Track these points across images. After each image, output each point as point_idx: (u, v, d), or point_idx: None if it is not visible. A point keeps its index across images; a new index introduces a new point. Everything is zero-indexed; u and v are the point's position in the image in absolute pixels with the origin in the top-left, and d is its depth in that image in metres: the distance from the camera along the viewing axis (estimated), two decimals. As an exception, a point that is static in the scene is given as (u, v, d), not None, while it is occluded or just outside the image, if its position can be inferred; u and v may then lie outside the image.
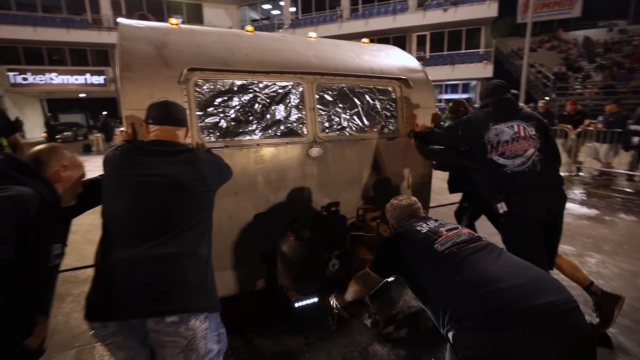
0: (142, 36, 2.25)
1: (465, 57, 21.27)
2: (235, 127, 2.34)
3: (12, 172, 1.29)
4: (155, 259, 1.24)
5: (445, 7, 20.60)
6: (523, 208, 2.03)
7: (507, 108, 2.18)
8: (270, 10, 27.45)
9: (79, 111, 37.22)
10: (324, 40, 3.05)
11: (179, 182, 1.38)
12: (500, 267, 1.36)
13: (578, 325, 1.16)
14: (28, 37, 22.04)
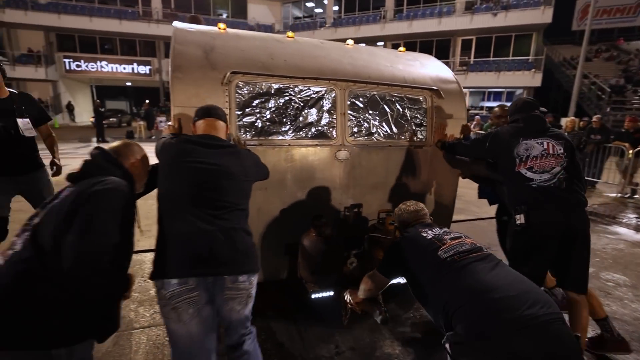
0: (192, 40, 2.44)
1: (513, 64, 20.32)
2: (270, 127, 2.50)
3: (106, 164, 1.47)
4: (226, 231, 1.51)
5: (495, 11, 19.76)
6: (541, 223, 2.08)
7: (537, 124, 2.24)
8: (314, 9, 27.57)
9: (124, 98, 39.12)
10: (360, 48, 3.15)
11: (229, 171, 1.62)
12: (496, 278, 1.47)
13: (560, 336, 1.27)
14: (84, 27, 23.44)
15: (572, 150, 2.17)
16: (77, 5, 23.55)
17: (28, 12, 22.14)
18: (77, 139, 15.04)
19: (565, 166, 2.13)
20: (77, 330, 1.25)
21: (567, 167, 2.13)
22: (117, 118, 23.34)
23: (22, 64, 22.49)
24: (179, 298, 1.44)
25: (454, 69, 22.07)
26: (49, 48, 23.71)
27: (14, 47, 22.92)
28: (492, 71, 20.51)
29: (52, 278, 1.20)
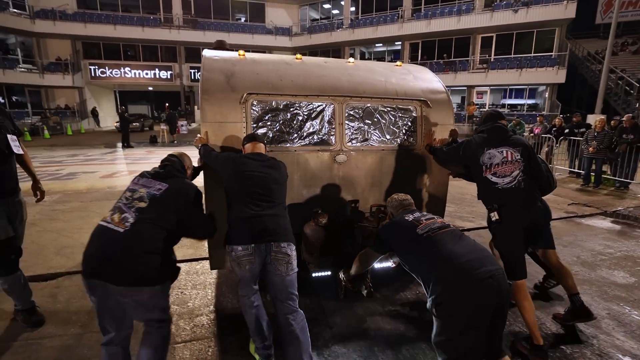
0: (217, 67, 2.96)
1: (535, 60, 19.77)
2: (279, 137, 2.95)
3: (181, 169, 2.19)
4: (272, 215, 2.15)
5: (515, 7, 19.29)
6: (510, 218, 2.49)
7: (498, 135, 2.60)
8: (331, 10, 27.63)
9: (145, 102, 40.20)
10: (359, 65, 3.54)
11: (274, 178, 2.28)
12: (461, 247, 1.93)
13: (502, 284, 1.80)
14: (108, 35, 24.25)
15: (529, 154, 2.55)
16: (102, 14, 24.41)
17: (57, 22, 23.09)
18: (103, 145, 15.58)
19: (522, 169, 2.51)
20: (167, 274, 1.90)
21: (525, 170, 2.51)
22: (140, 122, 24.01)
23: (51, 72, 23.47)
24: (242, 258, 2.07)
25: (474, 67, 21.72)
26: (76, 56, 24.64)
27: (43, 56, 23.93)
28: (514, 68, 20.01)
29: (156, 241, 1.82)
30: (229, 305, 2.98)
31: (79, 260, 3.64)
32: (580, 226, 5.22)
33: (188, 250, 4.08)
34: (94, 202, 6.14)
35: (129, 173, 8.80)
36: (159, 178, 2.01)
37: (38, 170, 9.17)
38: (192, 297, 3.10)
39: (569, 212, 5.81)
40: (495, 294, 1.77)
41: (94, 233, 1.84)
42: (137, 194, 1.91)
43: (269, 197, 2.19)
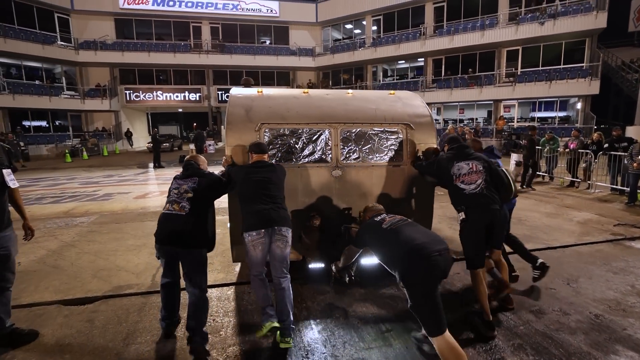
0: (239, 103, 3.74)
1: (565, 72, 19.11)
2: (286, 156, 3.68)
3: (199, 168, 3.01)
4: (274, 208, 2.79)
5: (542, 20, 18.87)
6: (474, 217, 3.00)
7: (464, 152, 3.23)
8: (353, 30, 28.13)
9: (175, 123, 42.03)
10: (357, 95, 4.18)
11: (272, 180, 2.94)
12: (416, 233, 2.51)
13: (447, 259, 2.36)
14: (143, 61, 25.71)
15: (489, 166, 3.14)
16: (137, 42, 26.00)
17: (97, 52, 24.79)
18: (136, 165, 16.26)
19: (485, 178, 3.07)
20: (207, 243, 2.82)
21: (486, 179, 3.07)
22: (170, 143, 24.97)
23: (91, 97, 25.04)
24: (256, 241, 2.71)
25: (500, 80, 21.27)
26: (113, 82, 26.24)
27: (85, 83, 25.65)
28: (543, 81, 19.41)
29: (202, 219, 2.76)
30: (260, 334, 2.93)
31: (115, 284, 3.79)
32: (630, 250, 4.83)
33: (219, 274, 4.11)
34: (128, 223, 6.35)
35: (160, 194, 9.10)
36: (188, 177, 2.89)
37: (77, 191, 9.72)
38: (224, 325, 3.07)
39: (615, 234, 5.41)
40: (441, 266, 2.33)
41: (162, 219, 2.76)
42: (182, 189, 2.80)
43: (270, 195, 2.87)
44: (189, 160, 3.05)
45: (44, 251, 4.94)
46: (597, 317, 3.15)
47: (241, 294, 3.65)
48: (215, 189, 2.91)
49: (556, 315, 3.20)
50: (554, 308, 3.32)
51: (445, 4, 23.12)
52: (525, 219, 6.21)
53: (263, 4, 27.55)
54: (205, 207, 2.80)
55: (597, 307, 3.33)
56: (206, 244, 2.80)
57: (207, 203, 2.84)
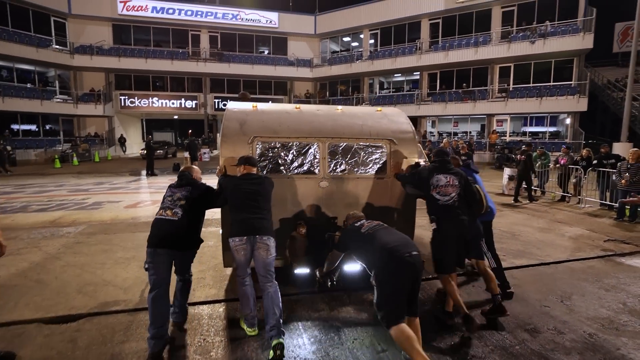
0: (234, 117, 3.93)
1: (554, 89, 19.55)
2: (277, 167, 3.87)
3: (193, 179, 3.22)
4: (257, 218, 3.01)
5: (533, 39, 19.36)
6: (445, 227, 3.27)
7: (445, 165, 3.45)
8: (350, 43, 28.49)
9: (170, 130, 41.78)
10: (346, 112, 4.38)
11: (260, 191, 3.14)
12: (390, 237, 2.77)
13: (418, 261, 2.59)
14: (140, 67, 25.66)
15: (465, 182, 3.40)
16: (135, 48, 25.97)
17: (93, 56, 24.68)
18: (128, 172, 16.06)
19: (458, 192, 3.33)
20: (196, 243, 3.08)
21: (460, 193, 3.34)
22: (164, 150, 24.76)
23: (84, 102, 24.82)
24: (239, 247, 2.96)
25: (493, 96, 21.63)
26: (108, 87, 26.09)
27: (79, 88, 25.45)
28: (533, 97, 19.81)
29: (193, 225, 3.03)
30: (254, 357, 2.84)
31: (101, 300, 3.69)
32: (621, 267, 4.85)
33: (211, 290, 4.01)
34: (118, 234, 6.21)
35: (152, 203, 8.96)
36: (182, 185, 3.13)
37: (65, 199, 9.54)
38: (215, 345, 2.97)
39: (606, 250, 5.45)
40: (411, 268, 2.57)
41: (155, 223, 2.95)
42: (176, 196, 3.04)
43: (255, 206, 3.07)
44: (183, 171, 3.28)
45: (27, 264, 4.77)
46: (591, 337, 3.14)
47: (233, 311, 3.55)
48: (206, 198, 3.15)
49: (551, 334, 3.18)
50: (549, 327, 3.30)
51: (440, 20, 23.59)
52: (518, 234, 6.23)
53: (263, 14, 27.83)
54: (196, 214, 3.07)
55: (591, 326, 3.32)
56: (195, 245, 3.12)
57: (198, 211, 3.10)
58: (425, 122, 24.72)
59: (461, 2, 21.90)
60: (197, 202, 3.05)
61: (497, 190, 10.85)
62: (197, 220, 3.08)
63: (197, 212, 3.07)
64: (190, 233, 2.97)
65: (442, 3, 22.67)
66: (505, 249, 5.42)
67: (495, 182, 12.55)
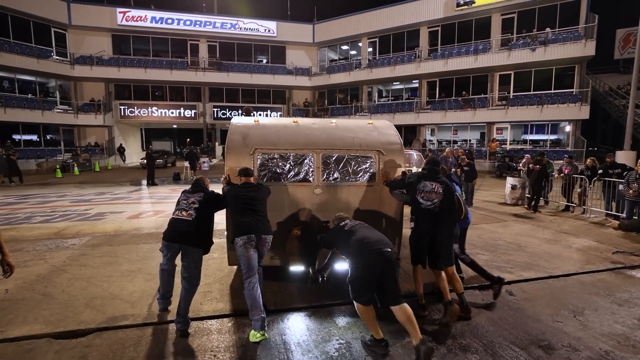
0: (237, 131, 4.37)
1: (556, 97, 19.65)
2: (276, 176, 4.28)
3: (205, 186, 3.80)
4: (256, 220, 3.44)
5: (533, 46, 19.52)
6: (421, 228, 3.69)
7: (433, 174, 3.78)
8: (349, 51, 28.74)
9: (169, 138, 41.85)
10: (339, 125, 4.72)
11: (258, 197, 3.59)
12: (369, 233, 3.21)
13: (388, 256, 2.99)
14: (139, 77, 25.79)
15: (449, 190, 3.69)
16: (134, 59, 26.14)
17: (93, 67, 24.82)
18: (129, 182, 16.02)
19: (441, 199, 3.65)
20: (207, 243, 3.57)
21: (442, 200, 3.65)
22: (164, 159, 24.76)
23: (84, 112, 24.89)
24: (245, 244, 3.36)
25: (493, 104, 21.75)
26: (108, 97, 26.18)
27: (79, 98, 25.54)
28: (534, 105, 19.91)
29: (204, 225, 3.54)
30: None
31: (109, 314, 3.65)
32: (632, 280, 4.80)
33: (218, 304, 3.96)
34: (122, 245, 6.16)
35: (154, 214, 8.92)
36: (196, 191, 3.70)
37: (68, 210, 9.49)
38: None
39: (615, 262, 5.39)
40: (381, 260, 3.00)
41: (172, 222, 3.52)
42: (190, 200, 3.58)
43: (254, 209, 3.53)
44: (197, 180, 3.86)
45: (33, 277, 4.73)
46: (607, 354, 3.09)
47: (242, 326, 3.51)
48: (216, 202, 3.68)
49: (566, 351, 3.14)
50: (563, 343, 3.26)
51: (439, 28, 23.83)
52: (525, 246, 6.20)
53: (261, 24, 28.08)
54: (207, 215, 3.59)
55: (607, 343, 3.27)
56: (204, 245, 3.55)
57: (209, 213, 3.62)
58: (425, 131, 24.82)
59: (460, 10, 22.13)
60: (208, 205, 3.60)
61: (499, 199, 10.84)
62: (207, 220, 3.59)
63: (207, 213, 3.59)
64: (201, 231, 3.50)
65: (441, 11, 22.93)
66: (512, 261, 5.38)
67: (496, 191, 12.57)
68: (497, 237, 6.72)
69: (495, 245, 6.21)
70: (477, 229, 7.28)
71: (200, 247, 3.48)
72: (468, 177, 9.78)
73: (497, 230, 7.27)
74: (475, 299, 4.17)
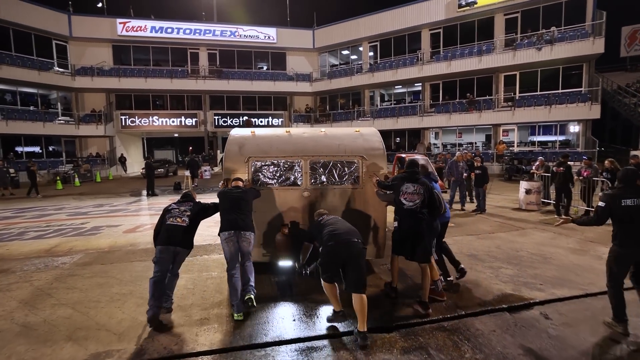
0: (235, 142, 4.88)
1: (564, 96, 19.15)
2: (268, 180, 4.74)
3: (192, 197, 4.45)
4: (241, 219, 4.01)
5: (539, 45, 19.09)
6: (403, 226, 4.04)
7: (414, 175, 4.09)
8: (349, 56, 28.47)
9: (170, 147, 41.66)
10: (328, 133, 5.10)
11: (242, 198, 4.15)
12: (340, 225, 3.67)
13: (358, 245, 3.51)
14: (140, 87, 25.62)
15: (429, 191, 3.99)
16: (135, 68, 26.00)
17: (94, 77, 24.70)
18: (129, 193, 15.66)
19: (422, 200, 3.94)
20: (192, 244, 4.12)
21: (423, 200, 3.95)
22: (165, 168, 24.46)
23: (86, 123, 24.71)
24: (227, 238, 3.91)
25: (498, 105, 21.29)
26: (109, 107, 26.01)
27: (81, 109, 25.39)
28: (542, 105, 19.41)
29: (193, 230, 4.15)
30: None
31: (92, 350, 3.20)
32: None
33: (216, 334, 3.50)
34: (115, 264, 5.75)
35: (152, 227, 8.47)
36: (186, 202, 4.27)
37: (64, 224, 9.11)
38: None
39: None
40: (346, 250, 3.43)
41: (168, 228, 3.92)
42: (182, 208, 4.11)
43: (239, 209, 4.04)
44: (186, 193, 4.51)
45: (15, 303, 4.32)
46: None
47: (242, 362, 3.08)
48: (205, 210, 4.26)
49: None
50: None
51: (441, 30, 23.50)
52: (550, 257, 5.69)
53: (261, 30, 27.91)
54: (196, 222, 4.15)
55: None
56: (191, 246, 4.11)
57: (198, 220, 4.18)
58: (429, 134, 24.36)
59: (462, 11, 21.80)
60: (198, 213, 4.18)
61: (513, 204, 10.32)
62: (195, 226, 4.16)
63: (197, 220, 4.17)
64: (191, 236, 4.08)
65: (442, 13, 22.61)
66: (540, 275, 4.88)
67: (508, 196, 12.05)
68: (518, 247, 6.23)
69: (518, 257, 5.71)
70: (494, 239, 6.80)
71: (189, 249, 4.06)
72: (479, 182, 9.29)
73: (516, 239, 6.78)
74: (506, 322, 3.69)
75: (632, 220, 3.28)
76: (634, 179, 3.39)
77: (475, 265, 5.31)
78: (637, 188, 3.37)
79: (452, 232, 7.21)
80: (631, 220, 3.28)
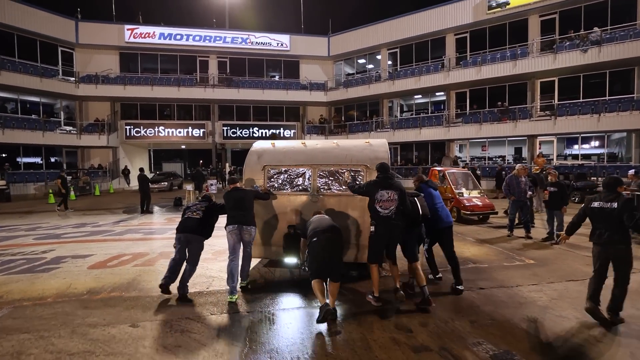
0: (255, 152, 5.82)
1: (613, 104, 16.94)
2: (281, 186, 5.55)
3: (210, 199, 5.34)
4: (242, 215, 4.84)
5: (584, 47, 17.03)
6: (379, 232, 4.33)
7: (387, 181, 4.38)
8: (366, 64, 26.90)
9: (179, 160, 40.44)
10: (340, 145, 5.74)
11: (244, 198, 4.94)
12: (322, 222, 4.34)
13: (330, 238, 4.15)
14: (146, 95, 24.43)
15: (403, 196, 4.34)
16: (140, 76, 24.89)
17: (99, 85, 23.62)
18: (123, 209, 14.00)
19: (397, 205, 4.30)
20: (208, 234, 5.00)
21: (398, 206, 4.31)
22: (169, 182, 22.96)
23: (88, 133, 23.52)
24: (232, 231, 4.76)
25: (535, 114, 19.16)
26: (113, 117, 24.84)
27: (84, 118, 24.26)
28: (588, 114, 17.23)
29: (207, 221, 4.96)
30: None
31: None
32: None
33: None
34: (48, 332, 3.83)
35: (131, 258, 6.67)
36: (204, 201, 5.16)
37: (22, 252, 6.87)
38: None
39: None
40: (323, 243, 4.06)
41: (185, 220, 4.81)
42: (199, 206, 4.98)
43: (241, 207, 4.80)
44: (206, 194, 5.64)
45: None
46: None
47: None
48: (216, 209, 5.04)
49: None
50: None
51: (468, 34, 21.74)
52: None
53: (273, 37, 26.64)
54: (209, 216, 4.91)
55: None
56: (205, 235, 4.84)
57: (211, 215, 4.96)
58: (454, 146, 22.29)
59: (492, 13, 20.03)
60: (212, 210, 4.98)
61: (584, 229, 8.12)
62: (209, 219, 4.90)
63: (211, 215, 4.94)
64: (204, 225, 4.80)
65: (469, 15, 20.88)
66: None
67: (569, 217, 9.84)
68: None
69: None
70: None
71: (202, 236, 4.78)
72: (554, 202, 7.10)
73: (638, 292, 4.66)
74: None
75: (597, 220, 3.84)
76: (615, 185, 3.83)
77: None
78: (613, 193, 3.78)
79: (540, 273, 5.25)
80: (596, 220, 3.85)
